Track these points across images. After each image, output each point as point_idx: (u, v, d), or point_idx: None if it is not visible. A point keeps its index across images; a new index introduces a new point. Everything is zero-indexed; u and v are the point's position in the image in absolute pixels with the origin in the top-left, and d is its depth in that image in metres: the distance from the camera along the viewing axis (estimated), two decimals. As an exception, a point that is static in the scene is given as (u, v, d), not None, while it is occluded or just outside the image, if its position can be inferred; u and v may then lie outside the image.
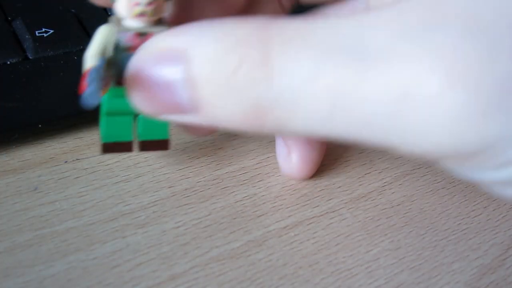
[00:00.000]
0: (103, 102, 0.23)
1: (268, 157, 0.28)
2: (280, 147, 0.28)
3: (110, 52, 0.22)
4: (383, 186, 0.27)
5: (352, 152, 0.29)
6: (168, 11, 0.23)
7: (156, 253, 0.22)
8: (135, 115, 0.24)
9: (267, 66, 0.18)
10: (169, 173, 0.27)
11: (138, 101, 0.21)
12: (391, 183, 0.27)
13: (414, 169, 0.28)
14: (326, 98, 0.18)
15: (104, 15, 0.32)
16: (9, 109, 0.26)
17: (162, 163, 0.27)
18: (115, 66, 0.22)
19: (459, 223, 0.25)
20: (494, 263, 0.23)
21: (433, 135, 0.17)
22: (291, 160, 0.27)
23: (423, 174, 0.28)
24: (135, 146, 0.24)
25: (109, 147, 0.24)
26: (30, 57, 0.29)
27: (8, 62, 0.28)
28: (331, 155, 0.29)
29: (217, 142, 0.29)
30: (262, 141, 0.29)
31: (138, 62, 0.21)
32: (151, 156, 0.27)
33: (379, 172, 0.28)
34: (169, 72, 0.20)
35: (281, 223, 0.24)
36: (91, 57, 0.21)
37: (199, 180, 0.26)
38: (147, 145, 0.24)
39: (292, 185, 0.27)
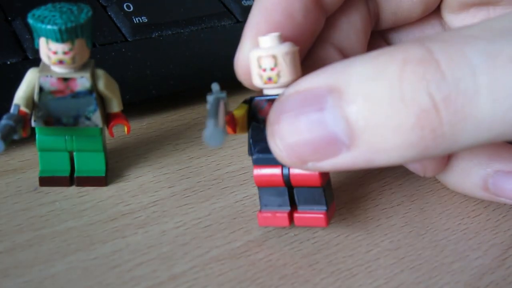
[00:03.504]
0: (36, 138, 0.24)
1: (268, 157, 0.28)
2: None
3: (36, 94, 0.23)
4: (383, 186, 0.27)
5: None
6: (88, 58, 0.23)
7: (156, 253, 0.22)
8: (71, 151, 0.25)
9: (432, 60, 0.17)
10: (169, 173, 0.27)
11: (282, 151, 0.19)
12: (391, 183, 0.27)
13: (414, 169, 0.28)
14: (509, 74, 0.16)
15: (103, 14, 0.32)
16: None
17: (162, 163, 0.27)
18: (42, 107, 0.23)
19: (459, 223, 0.25)
20: (494, 263, 0.23)
21: None
22: None
23: (423, 174, 0.28)
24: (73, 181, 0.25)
25: (46, 181, 0.25)
26: (30, 57, 0.29)
27: (8, 62, 0.28)
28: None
29: (217, 142, 0.29)
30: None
31: (279, 108, 0.19)
32: (151, 156, 0.28)
33: (379, 172, 0.28)
34: (316, 110, 0.18)
35: (281, 223, 0.24)
36: (16, 99, 0.23)
37: (199, 180, 0.26)
38: (83, 181, 0.25)
39: (292, 185, 0.27)
